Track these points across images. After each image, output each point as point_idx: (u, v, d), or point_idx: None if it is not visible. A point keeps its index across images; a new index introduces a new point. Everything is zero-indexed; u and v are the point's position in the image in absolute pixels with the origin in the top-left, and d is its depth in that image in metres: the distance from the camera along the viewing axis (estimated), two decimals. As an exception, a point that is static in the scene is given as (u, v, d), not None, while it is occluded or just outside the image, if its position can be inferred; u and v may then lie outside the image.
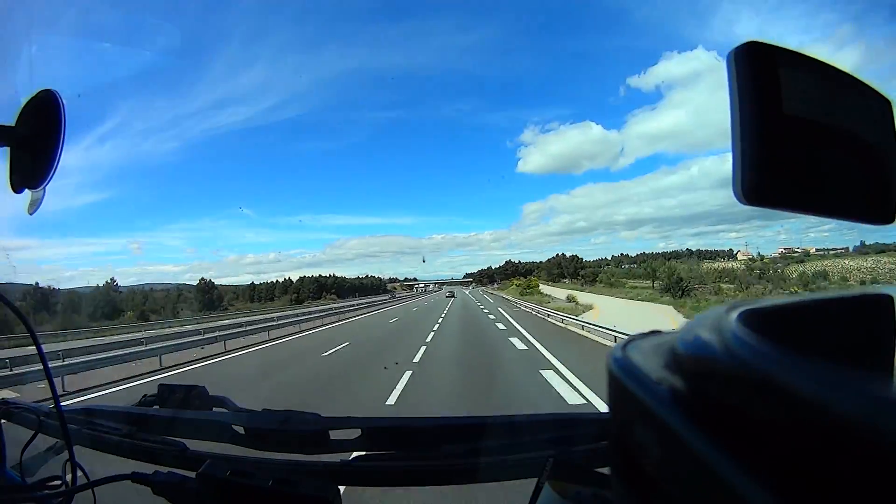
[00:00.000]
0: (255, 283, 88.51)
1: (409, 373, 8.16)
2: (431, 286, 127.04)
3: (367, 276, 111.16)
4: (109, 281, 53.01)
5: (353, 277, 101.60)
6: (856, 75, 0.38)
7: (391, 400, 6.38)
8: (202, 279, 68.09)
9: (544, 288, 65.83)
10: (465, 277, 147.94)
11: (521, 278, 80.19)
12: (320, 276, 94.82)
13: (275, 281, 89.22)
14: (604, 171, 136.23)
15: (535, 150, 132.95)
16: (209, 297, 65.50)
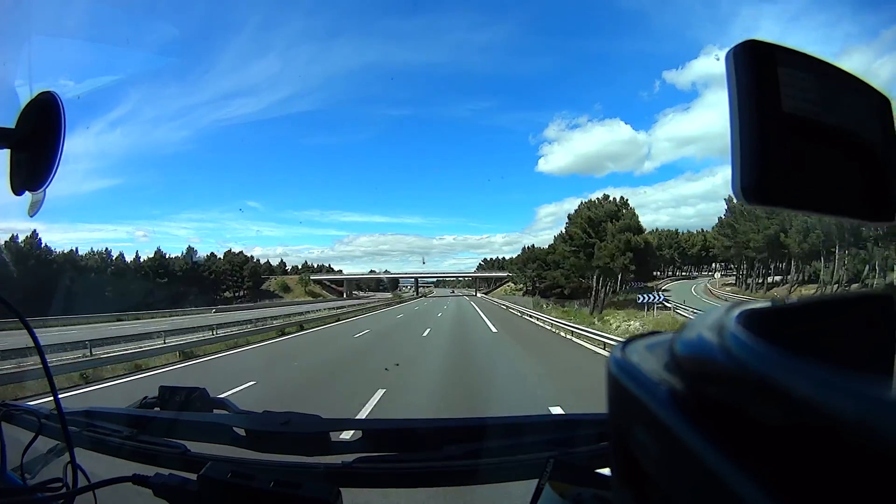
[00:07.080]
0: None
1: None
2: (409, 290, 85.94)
3: (294, 263, 72.33)
4: None
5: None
6: (856, 74, 0.38)
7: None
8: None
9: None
10: (479, 269, 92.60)
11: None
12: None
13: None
14: (627, 175, 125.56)
15: (559, 148, 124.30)
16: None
